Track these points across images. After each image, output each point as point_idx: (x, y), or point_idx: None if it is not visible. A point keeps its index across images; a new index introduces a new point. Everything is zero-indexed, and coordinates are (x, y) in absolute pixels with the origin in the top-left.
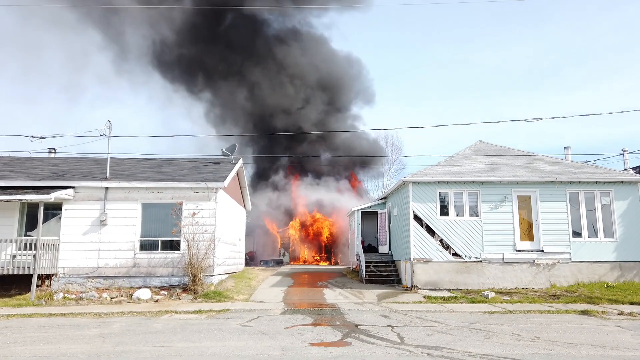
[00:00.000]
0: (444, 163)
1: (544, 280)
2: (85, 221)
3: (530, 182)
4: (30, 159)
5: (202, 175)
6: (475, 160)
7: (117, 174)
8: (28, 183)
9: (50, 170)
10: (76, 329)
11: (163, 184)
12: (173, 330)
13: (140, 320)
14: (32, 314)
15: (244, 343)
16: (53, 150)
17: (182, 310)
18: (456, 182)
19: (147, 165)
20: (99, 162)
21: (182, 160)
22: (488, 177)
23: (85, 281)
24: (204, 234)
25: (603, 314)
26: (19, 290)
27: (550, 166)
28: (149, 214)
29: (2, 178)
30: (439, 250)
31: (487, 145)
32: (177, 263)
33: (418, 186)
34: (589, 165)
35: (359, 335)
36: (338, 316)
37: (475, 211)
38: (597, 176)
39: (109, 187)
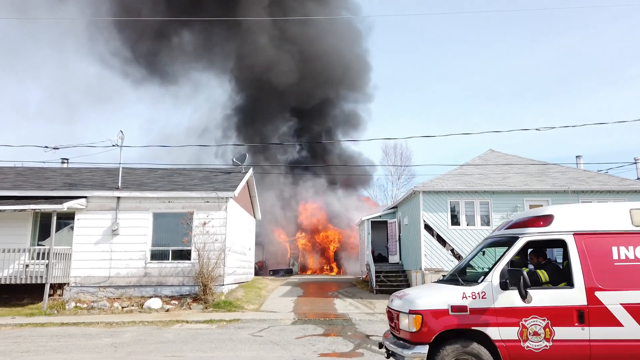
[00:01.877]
0: (455, 172)
1: None
2: (97, 231)
3: (542, 192)
4: (43, 169)
5: (213, 185)
6: (486, 170)
7: (128, 184)
8: (41, 193)
9: (63, 180)
10: (88, 338)
11: (174, 193)
12: (184, 340)
13: (152, 329)
14: (45, 323)
15: (256, 353)
16: (66, 161)
17: (192, 320)
18: (467, 191)
19: (158, 175)
20: (111, 172)
21: (192, 170)
22: (499, 186)
23: (97, 290)
24: (215, 244)
25: None
26: (31, 299)
27: (562, 175)
28: (160, 224)
29: (16, 188)
30: (450, 260)
31: (498, 154)
32: (188, 272)
33: (429, 195)
34: (602, 174)
35: (370, 346)
36: (349, 326)
37: (486, 221)
38: (610, 185)
39: (120, 197)
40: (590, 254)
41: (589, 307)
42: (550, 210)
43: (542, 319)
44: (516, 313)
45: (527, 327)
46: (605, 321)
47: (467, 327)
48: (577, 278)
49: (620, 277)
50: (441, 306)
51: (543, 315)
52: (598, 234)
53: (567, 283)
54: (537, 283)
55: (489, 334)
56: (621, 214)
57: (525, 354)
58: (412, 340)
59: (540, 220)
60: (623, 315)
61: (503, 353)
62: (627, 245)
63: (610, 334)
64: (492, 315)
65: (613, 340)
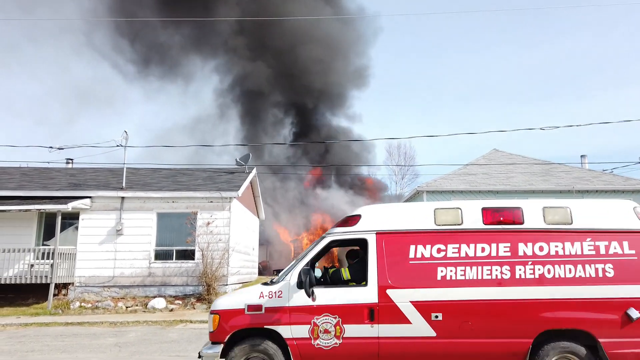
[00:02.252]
0: (459, 172)
1: None
2: (101, 231)
3: (546, 191)
4: (48, 170)
5: (217, 185)
6: (490, 169)
7: (132, 184)
8: (46, 193)
9: (68, 181)
10: (92, 338)
11: (178, 193)
12: (188, 340)
13: (156, 329)
14: (49, 322)
15: None
16: (70, 161)
17: (196, 320)
18: (471, 191)
19: (162, 175)
20: (115, 172)
21: (196, 170)
22: (503, 186)
23: (101, 290)
24: (218, 244)
25: None
26: (36, 299)
27: (566, 175)
28: (164, 224)
29: (21, 188)
30: None
31: (502, 153)
32: (192, 272)
33: (433, 195)
34: (607, 173)
35: None
36: None
37: None
38: (615, 185)
39: (125, 197)
40: (388, 253)
41: (379, 304)
42: (359, 210)
43: (333, 317)
44: (309, 311)
45: (318, 325)
46: (395, 319)
47: (260, 326)
48: (371, 276)
49: (412, 276)
50: (238, 306)
51: (335, 313)
52: (400, 233)
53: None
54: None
55: (281, 333)
56: (426, 214)
57: (315, 351)
58: (211, 340)
59: (349, 220)
60: (412, 312)
61: (293, 351)
62: (426, 244)
63: (398, 331)
64: (285, 314)
65: (401, 337)
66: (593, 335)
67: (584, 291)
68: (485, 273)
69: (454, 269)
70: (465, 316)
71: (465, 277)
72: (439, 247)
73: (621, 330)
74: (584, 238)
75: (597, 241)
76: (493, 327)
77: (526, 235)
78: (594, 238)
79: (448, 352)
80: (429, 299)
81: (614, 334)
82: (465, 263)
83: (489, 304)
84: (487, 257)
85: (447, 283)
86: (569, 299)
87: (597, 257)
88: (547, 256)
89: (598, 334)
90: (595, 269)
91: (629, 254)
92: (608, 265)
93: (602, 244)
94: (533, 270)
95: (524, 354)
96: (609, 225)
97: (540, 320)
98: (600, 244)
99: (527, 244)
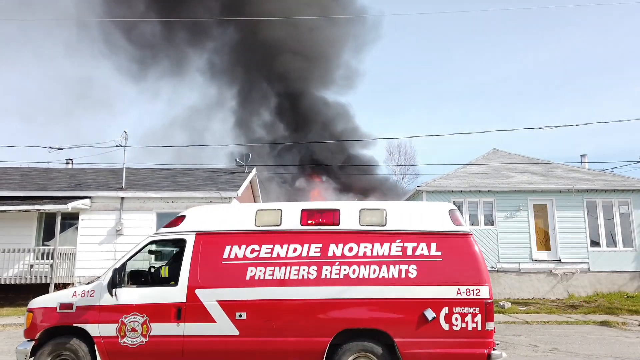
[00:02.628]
0: (458, 172)
1: (561, 290)
2: (101, 231)
3: (546, 191)
4: (48, 170)
5: (216, 185)
6: (489, 169)
7: (132, 184)
8: (46, 193)
9: (68, 181)
10: None
11: (177, 193)
12: None
13: None
14: None
15: None
16: (70, 161)
17: None
18: (470, 190)
19: (161, 175)
20: (115, 172)
21: (196, 170)
22: (503, 185)
23: None
24: None
25: (623, 325)
26: None
27: (566, 174)
28: (164, 224)
29: (21, 188)
30: None
31: (501, 153)
32: None
33: (432, 195)
34: (607, 173)
35: None
36: None
37: (490, 220)
38: (614, 184)
39: (124, 197)
40: (204, 253)
41: (187, 304)
42: (186, 211)
43: (141, 315)
44: (118, 310)
45: (125, 324)
46: (201, 318)
47: (69, 324)
48: (182, 276)
49: (223, 276)
50: (51, 304)
51: (143, 312)
52: (219, 233)
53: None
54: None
55: (89, 331)
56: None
57: (122, 349)
58: (25, 337)
59: (175, 221)
60: (218, 312)
61: (100, 349)
62: (241, 245)
63: (203, 330)
64: (95, 313)
65: (205, 336)
66: (390, 335)
67: (385, 292)
68: (292, 273)
69: (264, 269)
70: (268, 315)
71: (273, 277)
72: (253, 247)
73: (417, 331)
74: (394, 239)
75: (406, 242)
76: (294, 326)
77: (339, 236)
78: (404, 239)
79: (250, 350)
80: (234, 299)
81: (409, 334)
82: (275, 263)
83: (291, 304)
84: (297, 258)
85: (255, 283)
86: (370, 299)
87: (403, 258)
88: (355, 257)
89: (394, 334)
90: (399, 269)
91: (434, 255)
92: (412, 266)
93: (410, 246)
94: (339, 270)
95: (322, 353)
96: (422, 227)
97: (339, 320)
98: (409, 246)
99: (338, 245)
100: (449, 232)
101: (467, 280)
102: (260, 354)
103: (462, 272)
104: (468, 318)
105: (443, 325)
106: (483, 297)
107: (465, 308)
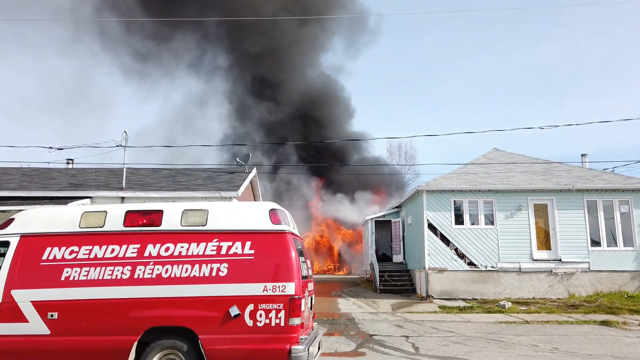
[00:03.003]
0: (459, 171)
1: (562, 290)
2: None
3: (546, 190)
4: (48, 170)
5: (216, 185)
6: (490, 168)
7: (132, 184)
8: (46, 193)
9: (68, 181)
10: None
11: (178, 193)
12: None
13: None
14: None
15: None
16: (71, 161)
17: None
18: (471, 190)
19: (162, 175)
20: (115, 172)
21: (196, 170)
22: (503, 185)
23: None
24: None
25: (623, 325)
26: None
27: (567, 174)
28: None
29: (21, 188)
30: (454, 260)
31: (502, 153)
32: None
33: (432, 195)
34: (607, 172)
35: (373, 345)
36: (352, 326)
37: (490, 220)
38: (615, 184)
39: (125, 197)
40: (25, 255)
41: (2, 304)
42: (17, 214)
43: None
44: None
45: None
46: (14, 318)
47: None
48: (1, 277)
49: (40, 277)
50: None
51: None
52: (42, 235)
53: None
54: None
55: None
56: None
57: None
58: None
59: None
60: (31, 312)
61: None
62: (61, 247)
63: (16, 329)
64: None
65: (18, 335)
66: (195, 332)
67: (194, 290)
68: (107, 274)
69: (79, 270)
70: (79, 315)
71: (87, 277)
72: (73, 249)
73: (221, 327)
74: (211, 239)
75: (222, 242)
76: (103, 325)
77: (158, 236)
78: (221, 239)
79: (60, 349)
80: (48, 299)
81: (213, 331)
82: (92, 264)
83: (102, 303)
84: (114, 259)
85: (69, 284)
86: (178, 297)
87: (216, 257)
88: (170, 257)
89: (199, 331)
90: (211, 268)
91: (247, 254)
92: (224, 265)
93: (225, 245)
94: (152, 270)
95: (129, 351)
96: (241, 227)
97: (147, 318)
98: (224, 245)
99: (156, 245)
100: (265, 231)
101: (275, 278)
102: (70, 353)
103: (272, 269)
104: (272, 314)
105: (247, 322)
106: (288, 293)
107: (270, 304)
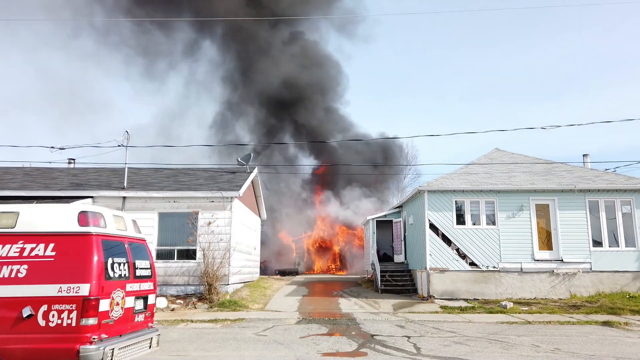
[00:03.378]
0: (460, 171)
1: (563, 290)
2: None
3: (548, 190)
4: (50, 169)
5: (218, 185)
6: (491, 169)
7: (134, 184)
8: (48, 193)
9: (70, 181)
10: None
11: (179, 193)
12: (189, 339)
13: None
14: None
15: (259, 352)
16: (72, 161)
17: (197, 319)
18: (472, 190)
19: (163, 175)
20: (117, 172)
21: (198, 170)
22: (505, 185)
23: None
24: (220, 243)
25: (625, 325)
26: None
27: (568, 174)
28: (166, 223)
29: (23, 188)
30: (455, 260)
31: (503, 153)
32: (193, 272)
33: (434, 195)
34: (609, 173)
35: (374, 345)
36: (353, 326)
37: (492, 220)
38: (617, 184)
39: (126, 197)
40: None
41: None
42: None
43: None
44: None
45: None
46: None
47: None
48: None
49: None
50: None
51: None
52: None
53: None
54: None
55: None
56: None
57: None
58: None
59: None
60: None
61: None
62: None
63: None
64: None
65: None
66: None
67: None
68: None
69: None
70: None
71: None
72: None
73: (13, 328)
74: (17, 241)
75: (27, 244)
76: None
77: None
78: (26, 241)
79: None
80: None
81: (6, 331)
82: None
83: None
84: None
85: None
86: None
87: (18, 259)
88: None
89: None
90: (11, 270)
91: (48, 255)
92: (24, 266)
93: (29, 247)
94: None
95: None
96: (48, 229)
97: None
98: (27, 247)
99: None
100: (71, 233)
101: (71, 279)
102: None
103: (70, 271)
104: (64, 315)
105: (40, 322)
106: (82, 294)
107: (64, 305)
